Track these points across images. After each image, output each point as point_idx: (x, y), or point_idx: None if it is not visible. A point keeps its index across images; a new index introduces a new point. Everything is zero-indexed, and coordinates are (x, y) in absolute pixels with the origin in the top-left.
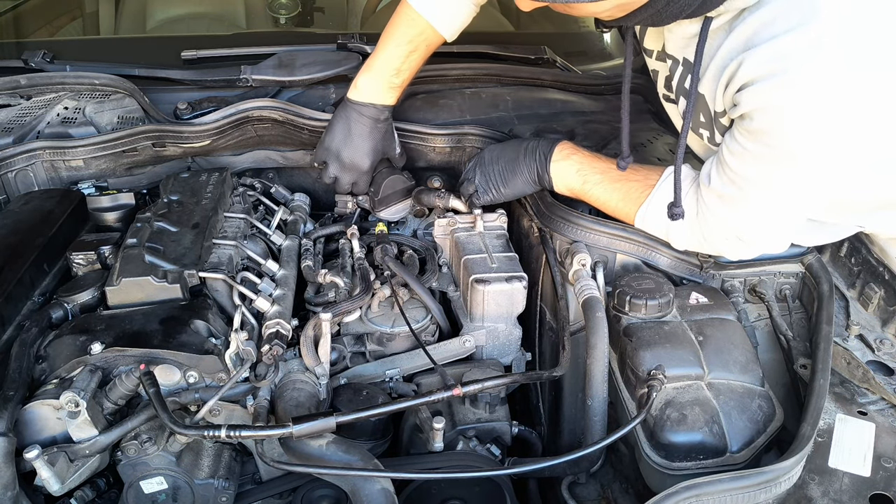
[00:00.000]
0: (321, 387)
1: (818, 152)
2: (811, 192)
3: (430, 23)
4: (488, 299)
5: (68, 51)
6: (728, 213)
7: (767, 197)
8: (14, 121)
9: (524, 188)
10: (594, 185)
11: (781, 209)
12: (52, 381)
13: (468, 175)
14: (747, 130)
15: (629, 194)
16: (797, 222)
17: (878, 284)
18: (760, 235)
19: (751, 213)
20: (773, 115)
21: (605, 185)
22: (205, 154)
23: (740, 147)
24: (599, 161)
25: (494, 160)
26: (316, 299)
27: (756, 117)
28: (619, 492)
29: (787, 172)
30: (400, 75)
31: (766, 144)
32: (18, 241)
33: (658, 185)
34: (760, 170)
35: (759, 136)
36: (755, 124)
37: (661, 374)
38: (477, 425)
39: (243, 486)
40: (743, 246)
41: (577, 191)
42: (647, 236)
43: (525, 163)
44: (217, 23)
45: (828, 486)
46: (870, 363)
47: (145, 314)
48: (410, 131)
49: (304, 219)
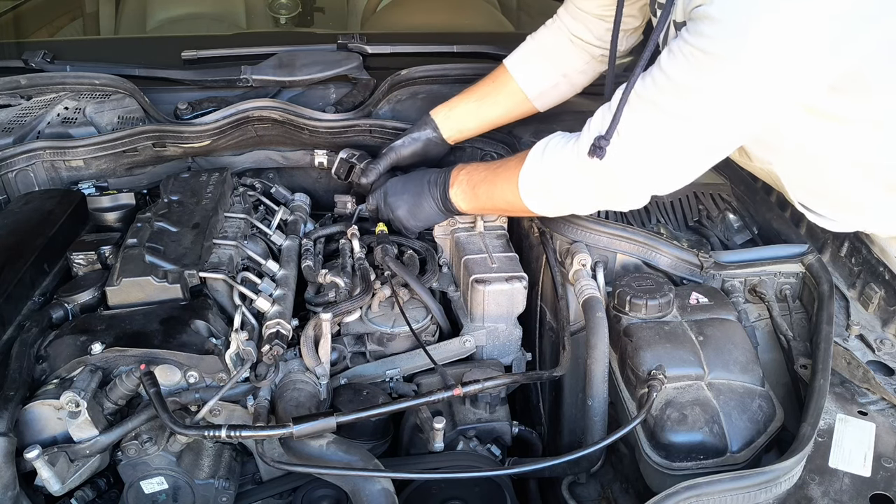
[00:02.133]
0: (321, 387)
1: (774, 60)
2: (744, 119)
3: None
4: (488, 299)
5: (68, 51)
6: (635, 125)
7: (695, 112)
8: (14, 121)
9: (434, 218)
10: (481, 184)
11: (703, 132)
12: (53, 381)
13: (369, 206)
14: (701, 17)
15: (509, 170)
16: (707, 159)
17: (879, 284)
18: (663, 159)
19: (667, 126)
20: (733, 6)
21: (489, 178)
22: (205, 154)
23: (682, 46)
24: (484, 163)
25: (399, 194)
26: (316, 299)
27: (715, 2)
28: (620, 492)
29: (724, 79)
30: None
31: (717, 41)
32: (19, 241)
33: (534, 147)
34: (698, 75)
35: (711, 31)
36: (713, 10)
37: (662, 374)
38: (477, 425)
39: (243, 486)
40: (634, 173)
41: (472, 199)
42: (647, 236)
43: (430, 196)
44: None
45: (828, 487)
46: (870, 363)
47: (146, 314)
48: None
49: (305, 219)
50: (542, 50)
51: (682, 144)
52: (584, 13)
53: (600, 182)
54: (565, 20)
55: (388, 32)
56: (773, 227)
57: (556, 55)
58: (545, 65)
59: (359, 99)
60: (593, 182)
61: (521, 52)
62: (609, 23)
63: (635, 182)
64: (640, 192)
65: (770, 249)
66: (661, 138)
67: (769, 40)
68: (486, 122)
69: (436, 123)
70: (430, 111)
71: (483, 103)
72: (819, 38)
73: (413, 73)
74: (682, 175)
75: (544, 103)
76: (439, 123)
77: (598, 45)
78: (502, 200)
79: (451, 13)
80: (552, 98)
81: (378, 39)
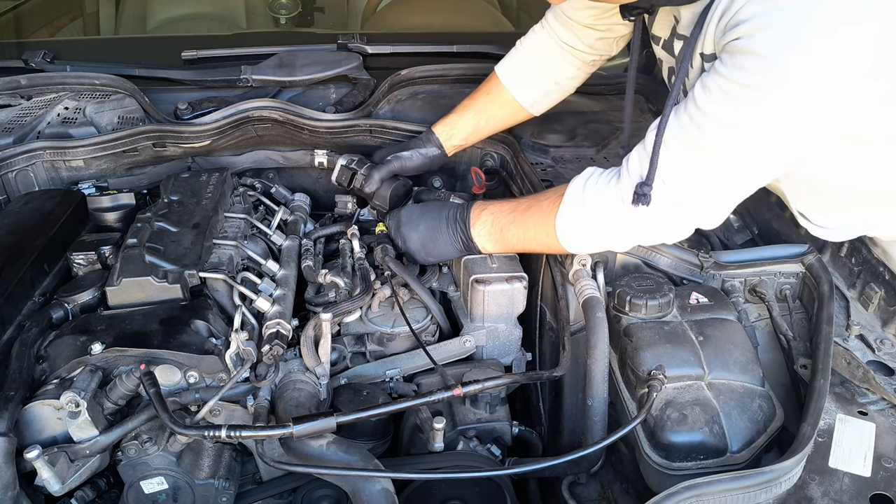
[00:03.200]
0: (321, 387)
1: (815, 98)
2: (782, 151)
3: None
4: (488, 299)
5: (69, 51)
6: (674, 165)
7: (732, 146)
8: (14, 121)
9: (449, 255)
10: (510, 226)
11: (741, 164)
12: (53, 382)
13: (381, 239)
14: (740, 51)
15: (542, 213)
16: (748, 188)
17: (879, 284)
18: (706, 194)
19: (706, 162)
20: (778, 41)
21: (519, 219)
22: (205, 154)
23: (717, 80)
24: (508, 203)
25: (413, 225)
26: (316, 299)
27: (757, 36)
28: (620, 492)
29: (768, 111)
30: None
31: (756, 75)
32: (19, 242)
33: (569, 187)
34: (735, 109)
35: (752, 64)
36: (755, 44)
37: (662, 375)
38: (477, 425)
39: (243, 486)
40: (679, 213)
41: (500, 241)
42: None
43: (448, 233)
44: (217, 23)
45: (828, 487)
46: (870, 363)
47: (146, 314)
48: (411, 131)
49: (305, 219)
50: (533, 58)
51: (725, 180)
52: (573, 22)
53: (646, 224)
54: (554, 27)
55: (389, 32)
56: (773, 227)
57: (547, 63)
58: (537, 74)
59: (359, 99)
60: (639, 225)
61: (512, 61)
62: (598, 32)
63: (681, 221)
64: (686, 228)
65: (770, 249)
66: (704, 177)
67: (814, 70)
68: (485, 134)
69: (440, 141)
70: (432, 126)
71: (481, 117)
72: (863, 64)
73: (413, 73)
74: (726, 208)
75: (539, 109)
76: (443, 141)
77: (589, 51)
78: (535, 242)
79: (451, 13)
80: (545, 104)
81: (378, 39)
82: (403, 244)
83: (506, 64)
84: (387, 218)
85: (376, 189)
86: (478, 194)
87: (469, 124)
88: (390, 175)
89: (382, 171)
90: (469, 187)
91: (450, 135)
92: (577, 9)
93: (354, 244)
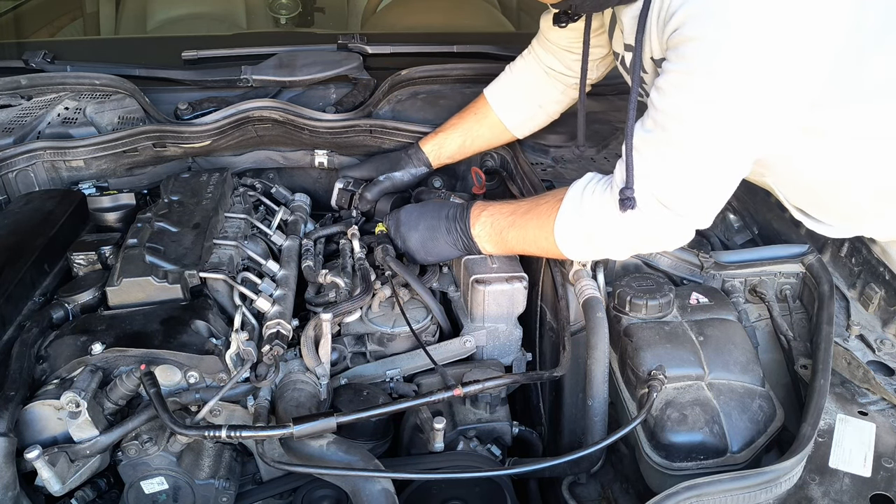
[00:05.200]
0: (322, 387)
1: (756, 67)
2: (743, 131)
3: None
4: (489, 299)
5: (69, 51)
6: (650, 168)
7: (695, 136)
8: (15, 121)
9: (449, 255)
10: (509, 229)
11: (710, 153)
12: (53, 382)
13: (381, 240)
14: (679, 42)
15: (541, 217)
16: (727, 179)
17: (879, 284)
18: (687, 191)
19: (678, 159)
20: (707, 21)
21: (518, 222)
22: (205, 154)
23: (667, 77)
24: (508, 204)
25: (413, 225)
26: (316, 299)
27: (689, 23)
28: (620, 492)
29: (715, 92)
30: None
31: (696, 58)
32: (19, 242)
33: (568, 193)
34: (687, 98)
35: (691, 50)
36: (688, 30)
37: (662, 375)
38: (477, 425)
39: (244, 486)
40: (669, 215)
41: (499, 243)
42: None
43: (448, 233)
44: (217, 23)
45: (828, 487)
46: (870, 363)
47: (146, 314)
48: (411, 131)
49: (305, 219)
50: (519, 82)
51: (701, 172)
52: (553, 45)
53: (640, 229)
54: (538, 52)
55: (389, 32)
56: (773, 227)
57: (533, 87)
58: (522, 97)
59: (359, 99)
60: (634, 230)
61: (500, 84)
62: (576, 54)
63: (671, 221)
64: (681, 229)
65: (770, 249)
66: (680, 173)
67: (745, 41)
68: (470, 152)
69: (429, 160)
70: (420, 142)
71: (467, 137)
72: (793, 28)
73: (413, 74)
74: (713, 203)
75: (523, 132)
76: (431, 160)
77: (570, 74)
78: (535, 246)
79: (451, 13)
80: (530, 127)
81: (378, 39)
82: (403, 244)
83: (494, 87)
84: (386, 218)
85: (374, 207)
86: (478, 194)
87: (455, 143)
88: (382, 194)
89: (374, 192)
90: (469, 187)
91: (438, 154)
92: (554, 30)
93: (354, 244)
